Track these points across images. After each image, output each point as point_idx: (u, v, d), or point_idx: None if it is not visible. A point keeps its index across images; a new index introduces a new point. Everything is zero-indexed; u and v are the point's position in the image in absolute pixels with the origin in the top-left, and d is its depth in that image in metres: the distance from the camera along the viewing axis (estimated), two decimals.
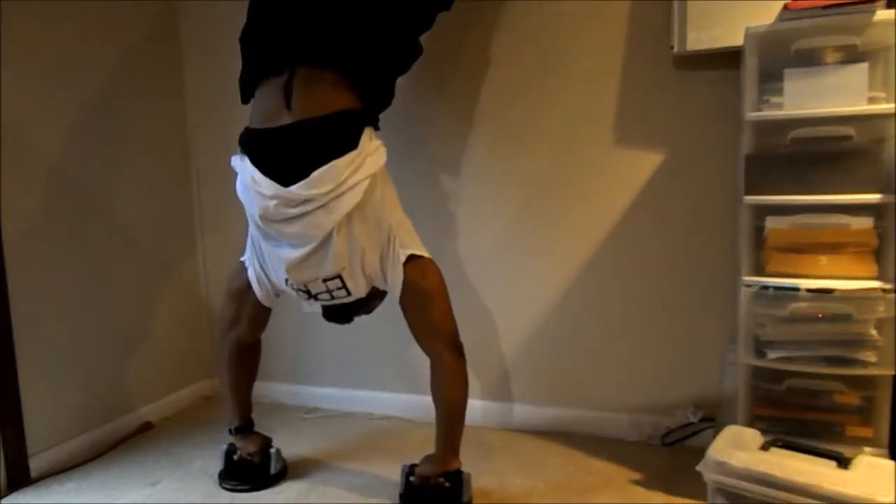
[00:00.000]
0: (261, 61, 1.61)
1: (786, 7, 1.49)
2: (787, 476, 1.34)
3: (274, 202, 1.50)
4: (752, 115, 1.54)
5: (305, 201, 1.48)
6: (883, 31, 1.44)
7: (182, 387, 2.42)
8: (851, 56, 1.48)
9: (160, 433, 2.22)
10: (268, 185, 1.50)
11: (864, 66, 1.46)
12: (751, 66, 1.53)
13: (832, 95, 1.47)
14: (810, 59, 1.50)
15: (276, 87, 1.54)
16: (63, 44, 1.99)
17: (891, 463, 1.39)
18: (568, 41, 1.97)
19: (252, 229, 1.65)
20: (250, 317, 1.76)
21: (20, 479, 1.85)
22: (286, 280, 1.61)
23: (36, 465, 1.90)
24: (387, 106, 1.69)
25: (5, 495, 1.80)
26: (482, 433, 2.09)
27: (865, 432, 1.53)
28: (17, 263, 1.84)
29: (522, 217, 2.09)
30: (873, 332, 1.49)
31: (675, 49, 1.77)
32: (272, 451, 1.87)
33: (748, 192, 1.56)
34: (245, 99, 1.66)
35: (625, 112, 1.94)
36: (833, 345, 1.52)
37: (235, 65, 2.03)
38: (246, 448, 1.85)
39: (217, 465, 1.90)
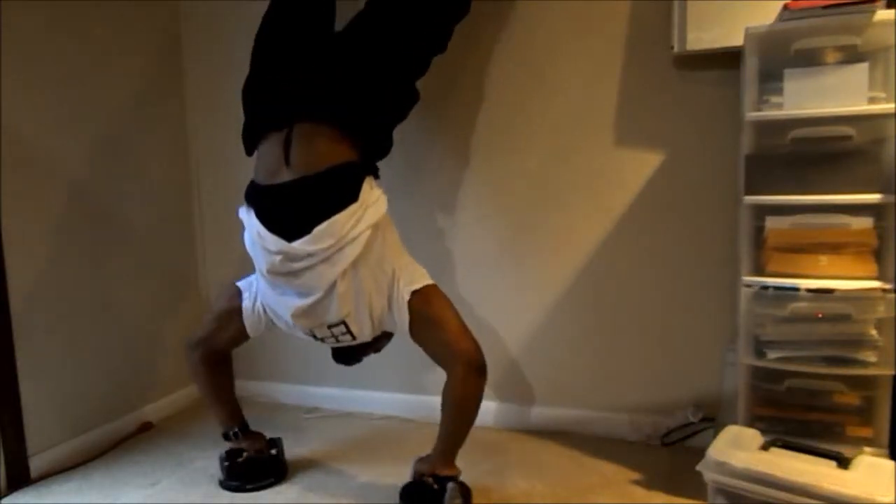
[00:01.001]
0: (261, 116, 1.65)
1: (786, 7, 1.49)
2: (787, 476, 1.34)
3: (279, 257, 1.54)
4: (752, 115, 1.54)
5: (309, 255, 1.51)
6: (883, 31, 1.44)
7: (182, 387, 2.42)
8: (851, 56, 1.48)
9: (160, 433, 2.22)
10: (273, 242, 1.54)
11: (864, 66, 1.46)
12: (751, 66, 1.53)
13: (832, 95, 1.47)
14: (810, 59, 1.50)
15: (277, 142, 1.57)
16: (63, 45, 1.99)
17: (891, 463, 1.39)
18: (568, 41, 1.97)
19: (258, 275, 1.68)
20: (230, 339, 1.78)
21: (20, 479, 1.85)
22: (292, 324, 1.65)
23: (36, 465, 1.90)
24: (386, 154, 1.72)
25: (5, 495, 1.80)
26: (482, 433, 2.09)
27: (865, 432, 1.53)
28: (18, 264, 1.84)
29: (522, 218, 2.09)
30: (873, 332, 1.49)
31: (675, 49, 1.77)
32: (275, 441, 1.90)
33: (748, 192, 1.56)
34: (249, 151, 1.70)
35: (625, 112, 1.94)
36: (833, 345, 1.52)
37: (236, 68, 2.04)
38: (253, 446, 1.86)
39: (217, 465, 1.90)
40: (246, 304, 1.71)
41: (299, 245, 1.51)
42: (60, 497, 1.80)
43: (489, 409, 2.17)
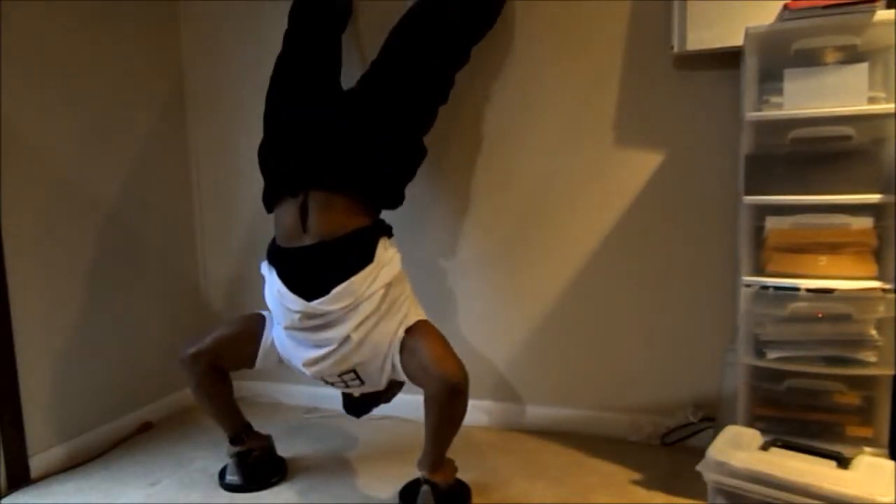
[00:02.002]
0: (277, 183, 1.70)
1: (786, 7, 1.49)
2: (787, 476, 1.34)
3: (298, 315, 1.59)
4: (752, 115, 1.54)
5: (327, 314, 1.57)
6: (883, 31, 1.44)
7: (182, 387, 2.41)
8: (851, 56, 1.48)
9: (160, 433, 2.22)
10: (293, 301, 1.59)
11: (864, 66, 1.46)
12: (751, 66, 1.53)
13: (832, 95, 1.47)
14: (810, 59, 1.50)
15: (294, 207, 1.63)
16: (63, 44, 1.99)
17: (891, 463, 1.39)
18: (568, 41, 1.97)
19: (277, 322, 1.71)
20: (237, 361, 1.78)
21: (20, 479, 1.85)
22: (303, 371, 1.68)
23: (36, 465, 1.90)
24: (397, 208, 1.75)
25: (5, 495, 1.80)
26: (482, 433, 2.09)
27: (865, 432, 1.53)
28: (18, 263, 1.84)
29: (522, 217, 2.09)
30: (873, 332, 1.49)
31: (675, 49, 1.77)
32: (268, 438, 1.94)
33: (748, 192, 1.56)
34: (269, 210, 1.74)
35: (625, 112, 1.94)
36: (833, 345, 1.52)
37: (236, 65, 2.05)
38: (260, 444, 1.88)
39: (217, 464, 1.90)
40: (266, 337, 1.74)
41: (318, 305, 1.56)
42: (60, 497, 1.80)
43: (489, 409, 2.17)
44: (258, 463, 1.85)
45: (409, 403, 2.24)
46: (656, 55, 1.87)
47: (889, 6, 1.46)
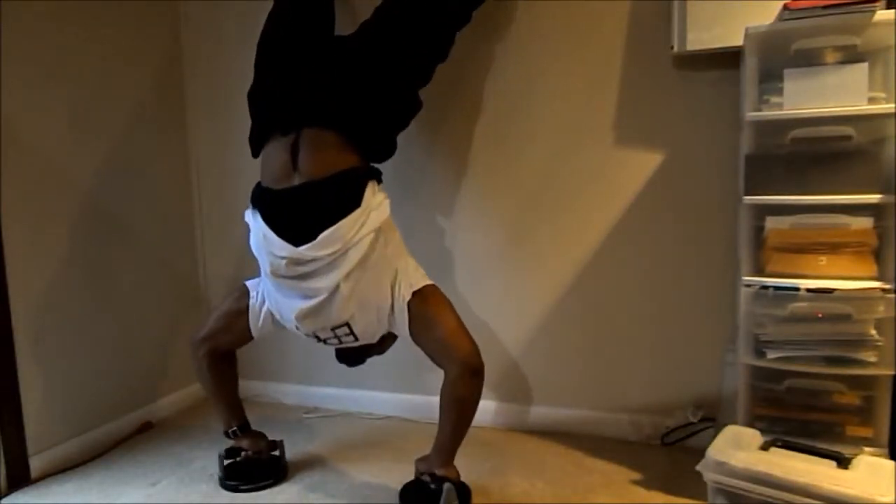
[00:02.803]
0: (268, 121, 1.68)
1: (786, 7, 1.49)
2: (787, 476, 1.34)
3: (285, 261, 1.56)
4: (752, 115, 1.54)
5: (314, 260, 1.54)
6: (883, 31, 1.44)
7: (182, 387, 2.42)
8: (851, 56, 1.48)
9: (160, 433, 2.22)
10: (280, 246, 1.56)
11: (864, 66, 1.46)
12: (751, 66, 1.53)
13: (832, 95, 1.47)
14: (810, 59, 1.50)
15: (284, 147, 1.60)
16: (64, 44, 1.99)
17: (891, 463, 1.39)
18: (568, 41, 1.97)
19: (263, 276, 1.70)
20: (234, 338, 1.79)
21: (20, 479, 1.85)
22: (296, 326, 1.66)
23: (36, 465, 1.90)
24: (388, 157, 1.74)
25: (5, 495, 1.80)
26: (483, 433, 2.09)
27: (865, 432, 1.53)
28: (18, 263, 1.84)
29: (522, 217, 2.09)
30: (873, 332, 1.49)
31: (675, 49, 1.77)
32: (277, 443, 1.91)
33: (748, 192, 1.56)
34: (255, 153, 1.72)
35: (625, 112, 1.94)
36: (833, 345, 1.52)
37: (236, 65, 2.05)
38: (253, 446, 1.87)
39: (217, 464, 1.90)
40: (252, 302, 1.74)
41: (305, 250, 1.54)
42: (60, 497, 1.80)
43: (489, 408, 2.17)
44: (247, 463, 1.84)
45: (410, 403, 2.25)
46: (656, 55, 1.87)
47: (889, 6, 1.46)
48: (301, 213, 1.57)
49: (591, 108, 1.97)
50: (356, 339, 1.67)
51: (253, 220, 1.65)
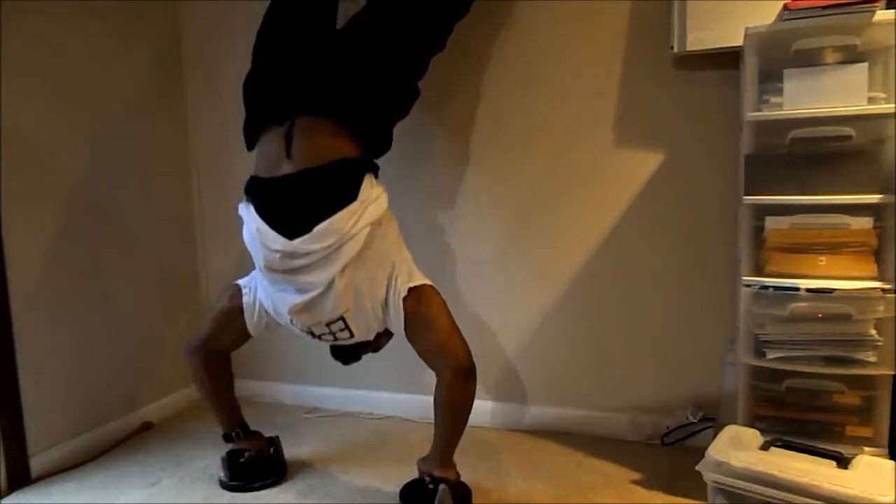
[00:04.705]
0: (263, 110, 1.65)
1: (786, 7, 1.49)
2: (787, 476, 1.34)
3: (279, 255, 1.53)
4: (752, 115, 1.54)
5: (309, 253, 1.51)
6: (883, 31, 1.44)
7: (182, 387, 2.42)
8: (851, 56, 1.48)
9: (160, 433, 2.22)
10: (273, 239, 1.53)
11: (864, 66, 1.46)
12: (751, 66, 1.53)
13: (832, 95, 1.47)
14: (810, 59, 1.50)
15: (278, 136, 1.58)
16: (64, 45, 1.99)
17: (891, 463, 1.39)
18: (568, 41, 1.97)
19: (257, 271, 1.68)
20: (232, 339, 1.79)
21: (20, 479, 1.86)
22: (291, 321, 1.64)
23: (36, 465, 1.90)
24: (386, 150, 1.71)
25: (5, 495, 1.80)
26: (483, 433, 2.09)
27: (865, 432, 1.53)
28: (18, 263, 1.84)
29: (523, 218, 2.09)
30: (873, 332, 1.49)
31: (675, 49, 1.77)
32: (274, 439, 1.92)
33: (748, 192, 1.56)
34: (250, 146, 1.70)
35: (625, 112, 1.94)
36: (833, 345, 1.52)
37: (236, 66, 2.02)
38: (254, 446, 1.86)
39: (217, 464, 1.90)
40: (246, 300, 1.72)
41: (299, 243, 1.51)
42: (60, 497, 1.80)
43: (489, 408, 2.17)
44: (251, 464, 1.84)
45: (410, 403, 2.25)
46: (656, 55, 1.87)
47: (889, 6, 1.46)
48: (295, 203, 1.54)
49: (591, 107, 1.97)
50: (351, 334, 1.65)
51: (246, 212, 1.62)
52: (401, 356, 2.03)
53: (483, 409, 2.16)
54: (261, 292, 1.70)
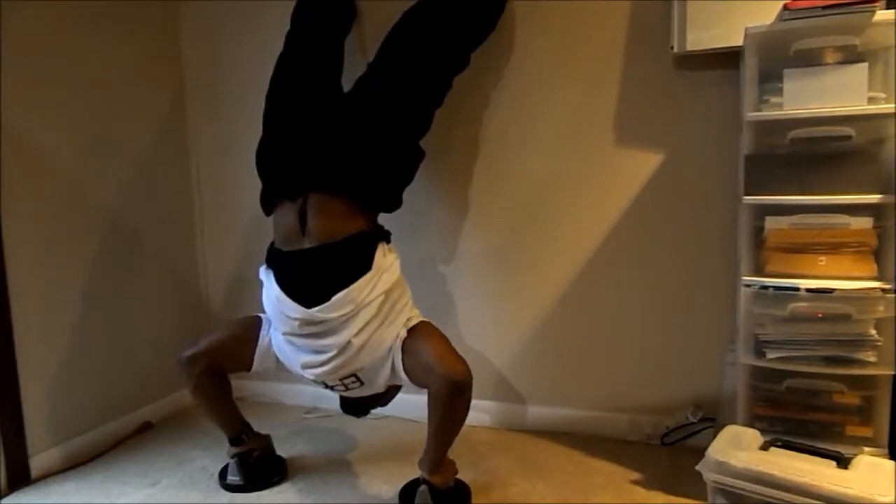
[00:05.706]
0: (276, 186, 1.70)
1: (786, 7, 1.49)
2: (787, 476, 1.34)
3: (297, 322, 1.59)
4: (752, 115, 1.54)
5: (325, 321, 1.57)
6: (883, 31, 1.44)
7: (182, 387, 2.41)
8: (851, 56, 1.48)
9: (160, 433, 2.22)
10: (292, 308, 1.58)
11: (864, 66, 1.46)
12: (751, 66, 1.53)
13: (832, 95, 1.47)
14: (810, 59, 1.50)
15: (292, 211, 1.63)
16: (64, 44, 1.99)
17: (891, 463, 1.39)
18: (568, 41, 1.97)
19: (275, 326, 1.70)
20: (232, 364, 1.78)
21: (20, 479, 1.85)
22: (303, 375, 1.68)
23: (36, 465, 1.90)
24: (395, 210, 1.75)
25: (5, 495, 1.80)
26: (483, 433, 2.09)
27: (865, 432, 1.53)
28: (18, 263, 1.84)
29: (522, 216, 2.09)
30: (873, 332, 1.49)
31: (675, 49, 1.77)
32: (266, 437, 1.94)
33: (748, 192, 1.56)
34: (267, 212, 1.75)
35: (625, 112, 1.94)
36: (833, 345, 1.52)
37: (236, 65, 2.05)
38: (261, 444, 1.88)
39: (217, 464, 1.90)
40: (263, 337, 1.73)
41: (317, 312, 1.56)
42: (60, 497, 1.80)
43: (489, 409, 2.17)
44: (259, 463, 1.85)
45: (410, 403, 2.24)
46: (656, 55, 1.87)
47: (889, 6, 1.46)
48: (313, 275, 1.60)
49: (591, 108, 1.97)
50: (362, 384, 1.68)
51: (266, 279, 1.67)
52: None
53: (483, 409, 2.16)
54: (275, 344, 1.72)
